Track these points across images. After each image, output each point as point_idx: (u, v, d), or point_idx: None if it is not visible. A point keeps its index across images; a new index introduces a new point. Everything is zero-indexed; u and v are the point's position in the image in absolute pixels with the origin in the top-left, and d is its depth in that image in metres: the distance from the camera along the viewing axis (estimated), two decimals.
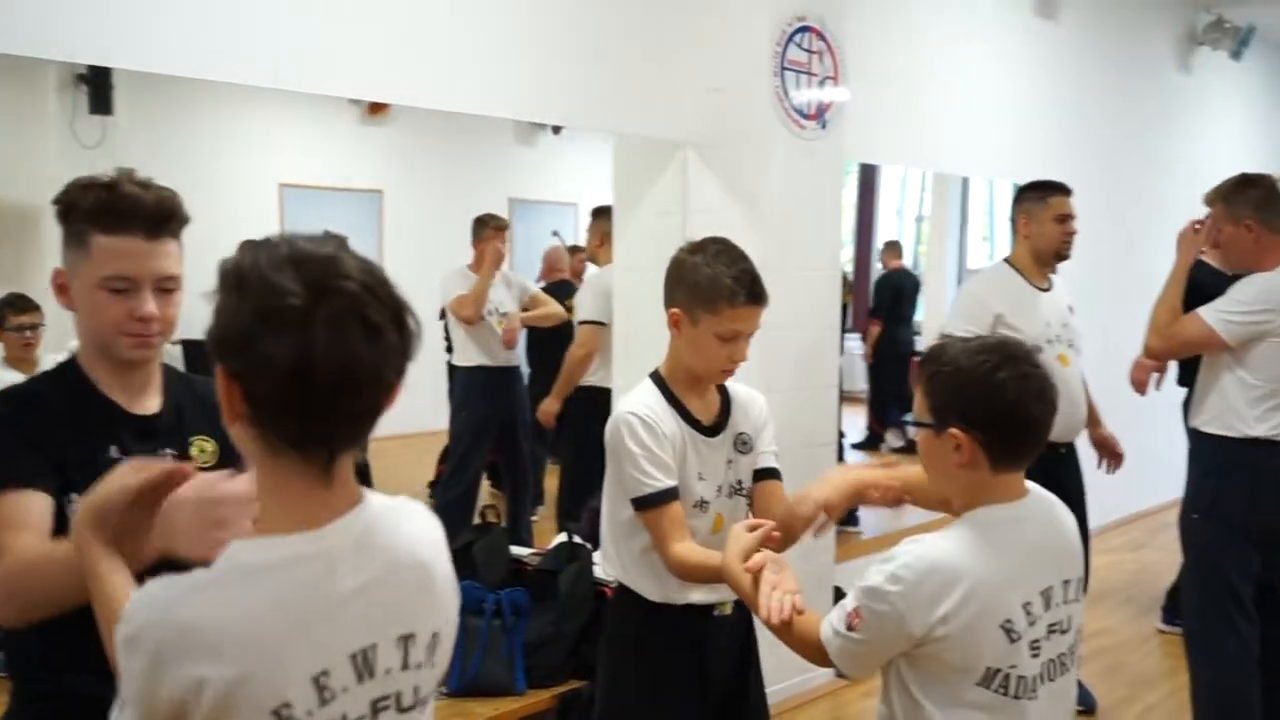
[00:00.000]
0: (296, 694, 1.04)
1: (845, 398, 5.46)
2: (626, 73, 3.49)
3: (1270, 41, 7.82)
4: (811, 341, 3.77)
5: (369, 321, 1.05)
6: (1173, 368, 3.86)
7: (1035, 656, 1.59)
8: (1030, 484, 1.70)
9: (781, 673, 3.72)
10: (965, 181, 8.53)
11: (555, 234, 7.35)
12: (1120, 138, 6.32)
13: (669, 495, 1.99)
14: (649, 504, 1.99)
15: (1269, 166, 7.74)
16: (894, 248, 8.43)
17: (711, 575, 1.87)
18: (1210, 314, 3.02)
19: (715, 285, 1.99)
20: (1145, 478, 4.95)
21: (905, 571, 1.55)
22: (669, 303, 2.07)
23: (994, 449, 1.61)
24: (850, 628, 1.60)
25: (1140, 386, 3.75)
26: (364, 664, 1.09)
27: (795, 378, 3.70)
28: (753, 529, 1.79)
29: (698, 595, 2.07)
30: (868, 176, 11.58)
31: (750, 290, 2.00)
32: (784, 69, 3.56)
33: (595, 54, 3.40)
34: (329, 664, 1.07)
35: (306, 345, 1.02)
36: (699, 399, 2.10)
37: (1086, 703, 3.79)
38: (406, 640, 1.13)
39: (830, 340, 3.86)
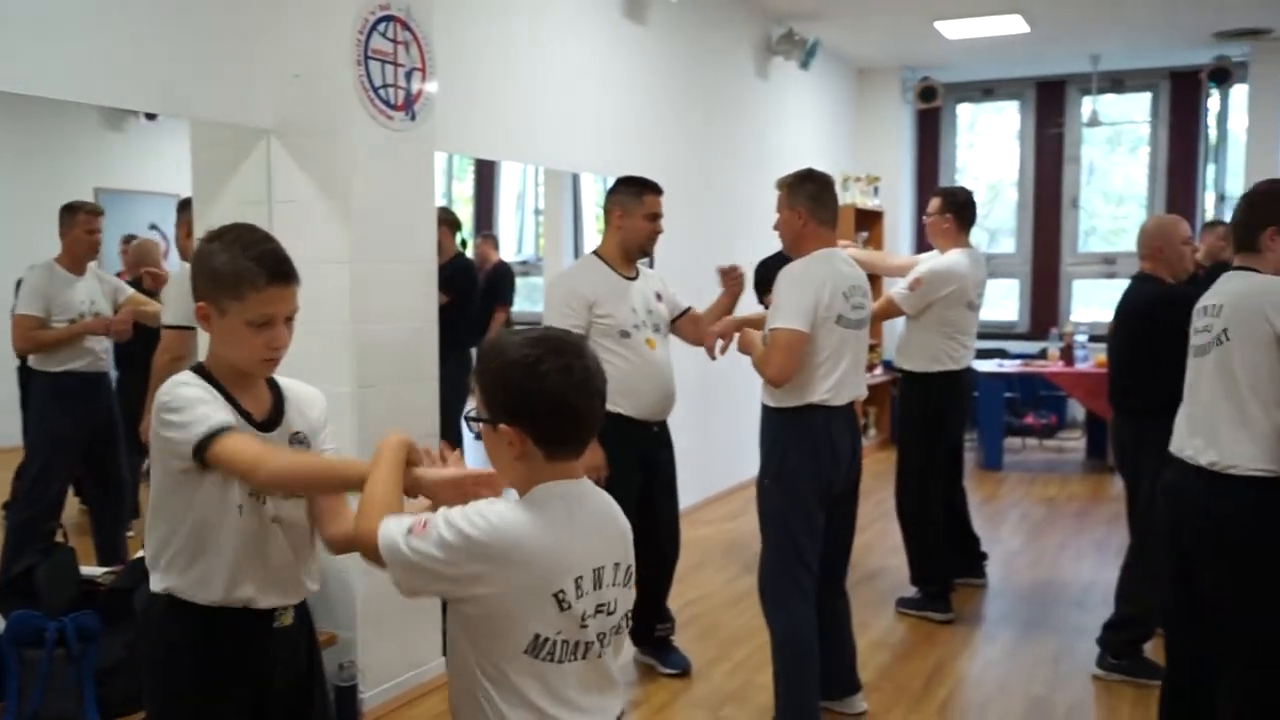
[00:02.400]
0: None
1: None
2: (202, 55, 3.29)
3: (833, 54, 8.72)
4: (408, 335, 3.73)
5: None
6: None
7: (583, 629, 1.65)
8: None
9: (390, 670, 3.69)
10: (576, 176, 8.81)
11: (153, 227, 6.80)
12: (707, 137, 6.78)
13: (230, 426, 1.87)
14: (217, 437, 1.84)
15: (834, 165, 8.63)
16: (490, 240, 8.54)
17: (324, 473, 1.96)
18: (777, 319, 3.27)
19: (236, 271, 1.90)
20: (744, 454, 5.33)
21: (479, 519, 1.59)
22: (194, 297, 1.96)
23: (543, 440, 1.65)
24: (412, 531, 1.61)
25: (710, 350, 3.91)
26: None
27: (393, 372, 3.66)
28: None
29: (260, 600, 1.99)
30: (487, 169, 11.69)
31: (275, 270, 1.92)
32: (368, 58, 3.49)
33: (168, 34, 3.17)
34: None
35: None
36: (248, 393, 2.00)
37: (681, 665, 4.06)
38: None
39: (428, 333, 3.84)
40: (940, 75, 9.31)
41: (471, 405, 1.74)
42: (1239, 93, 8.77)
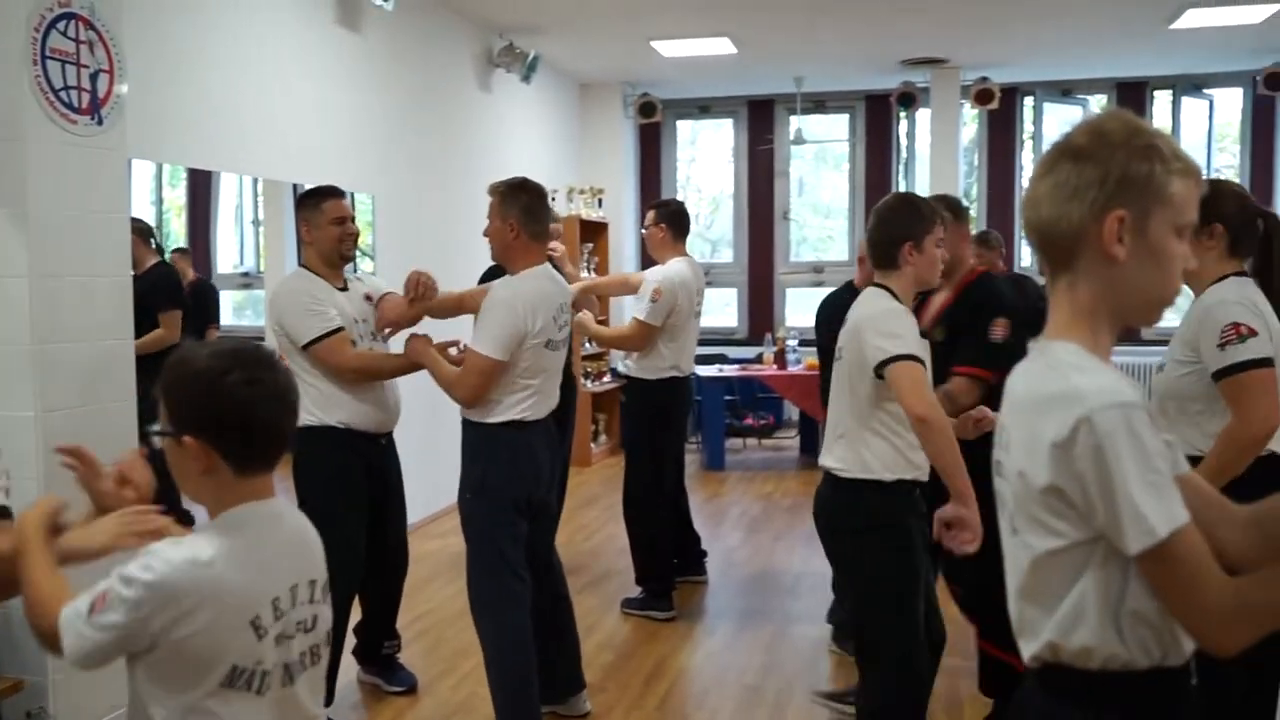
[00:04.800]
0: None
1: None
2: None
3: (555, 69, 8.87)
4: (99, 353, 3.49)
5: None
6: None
7: (282, 651, 1.62)
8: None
9: (87, 712, 3.43)
10: (296, 186, 8.53)
11: None
12: (429, 147, 6.74)
13: None
14: None
15: (558, 177, 8.78)
16: (186, 255, 8.13)
17: None
18: (479, 344, 3.30)
19: None
20: None
21: (157, 562, 1.51)
22: None
23: (231, 455, 1.61)
24: (94, 610, 1.53)
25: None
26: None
27: (83, 393, 3.42)
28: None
29: None
30: (202, 178, 11.08)
31: None
32: (45, 57, 3.25)
33: None
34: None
35: None
36: None
37: (407, 683, 4.01)
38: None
39: (123, 352, 3.61)
40: (659, 92, 9.65)
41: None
42: (924, 115, 9.60)
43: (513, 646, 3.35)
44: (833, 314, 4.21)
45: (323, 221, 3.69)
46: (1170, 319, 1.80)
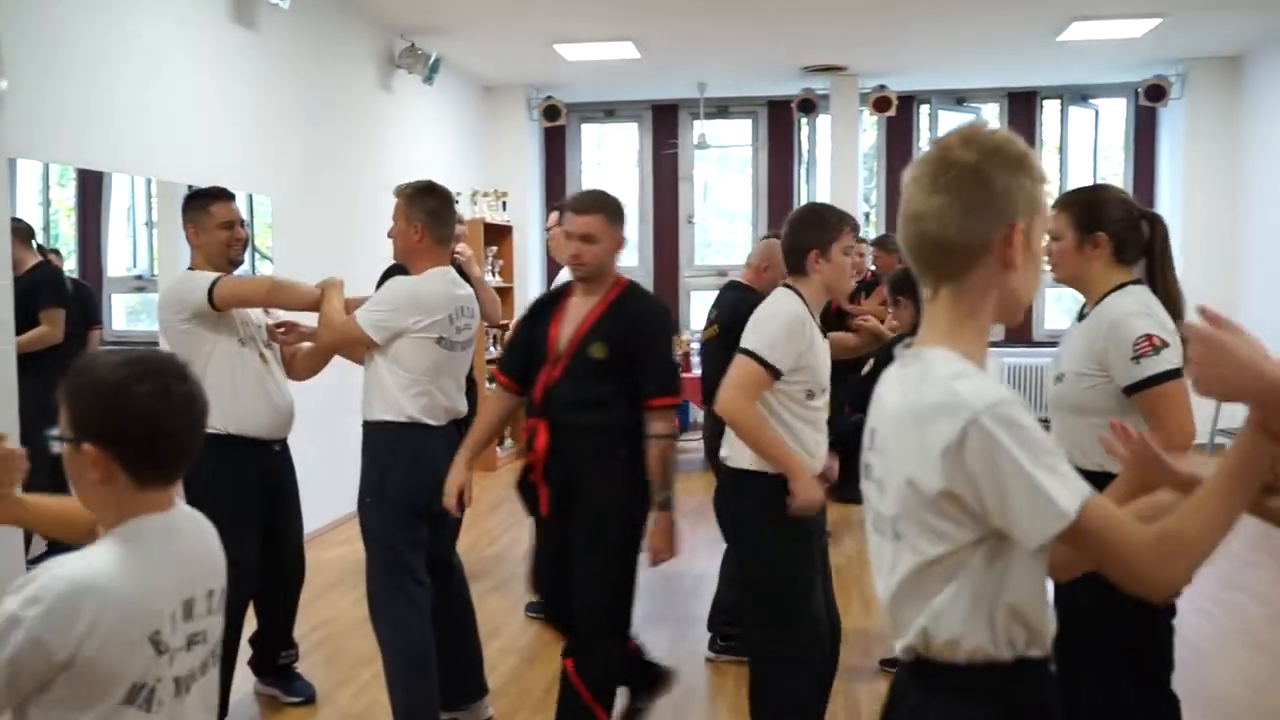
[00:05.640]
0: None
1: None
2: None
3: (458, 70, 8.81)
4: None
5: None
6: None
7: (178, 665, 1.58)
8: (178, 500, 1.69)
9: None
10: (190, 187, 8.33)
11: None
12: (328, 148, 6.63)
13: None
14: None
15: (462, 179, 8.72)
16: (58, 256, 7.85)
17: None
18: (362, 316, 3.33)
19: None
20: None
21: (43, 592, 1.45)
22: None
23: (131, 464, 1.56)
24: None
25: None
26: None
27: None
28: None
29: None
30: (93, 178, 10.73)
31: None
32: None
33: None
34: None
35: None
36: None
37: (305, 693, 3.94)
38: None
39: (2, 350, 3.49)
40: (564, 95, 9.65)
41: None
42: (825, 121, 9.77)
43: (412, 653, 3.32)
44: (741, 313, 4.30)
45: (211, 225, 3.61)
46: (1058, 322, 1.86)
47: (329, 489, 5.53)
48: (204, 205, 3.63)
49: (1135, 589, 1.33)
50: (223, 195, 3.68)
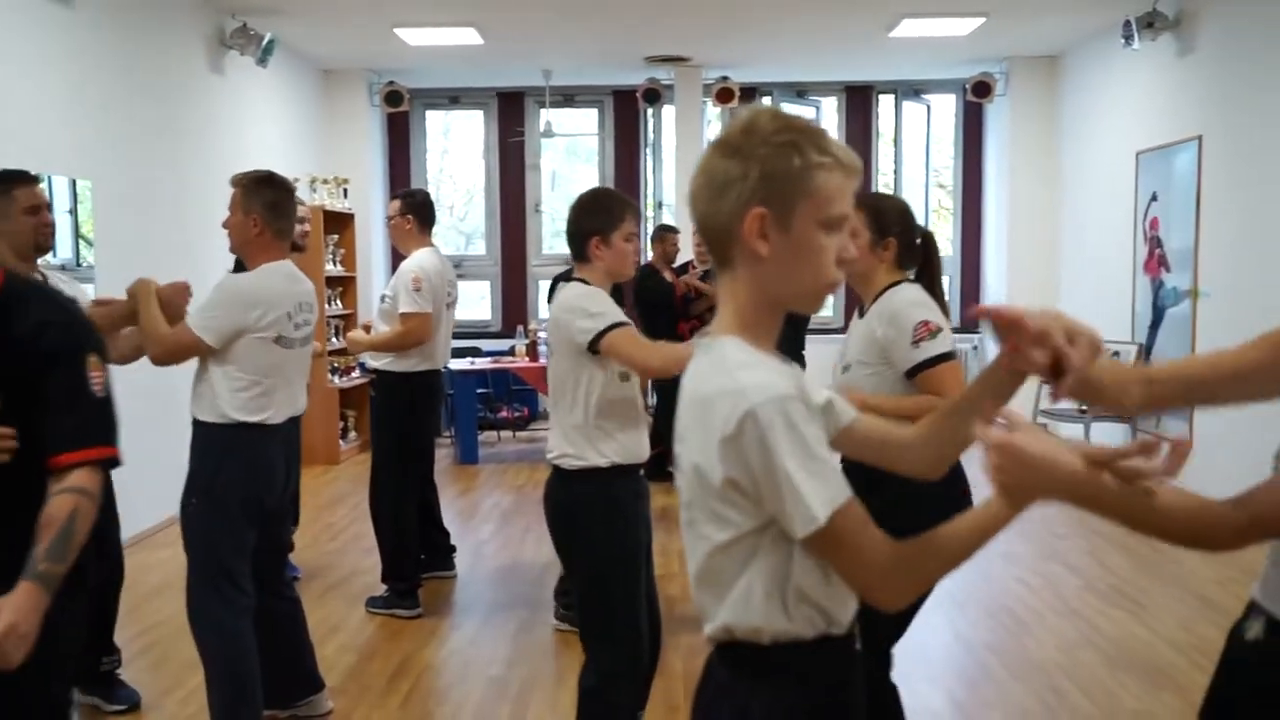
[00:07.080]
0: None
1: None
2: None
3: (295, 53, 8.55)
4: None
5: None
6: None
7: None
8: None
9: None
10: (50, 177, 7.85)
11: None
12: (154, 132, 6.34)
13: None
14: None
15: (300, 166, 8.48)
16: None
17: None
18: (193, 320, 3.20)
19: None
20: None
21: None
22: None
23: None
24: None
25: None
26: None
27: None
28: None
29: None
30: None
31: None
32: None
33: None
34: None
35: None
36: None
37: (129, 700, 3.78)
38: None
39: None
40: (407, 81, 9.47)
41: None
42: (669, 111, 9.87)
43: (232, 655, 3.22)
44: None
45: (14, 211, 3.37)
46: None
47: (153, 490, 5.30)
48: (6, 190, 3.38)
49: (863, 597, 1.39)
50: (26, 179, 3.46)
